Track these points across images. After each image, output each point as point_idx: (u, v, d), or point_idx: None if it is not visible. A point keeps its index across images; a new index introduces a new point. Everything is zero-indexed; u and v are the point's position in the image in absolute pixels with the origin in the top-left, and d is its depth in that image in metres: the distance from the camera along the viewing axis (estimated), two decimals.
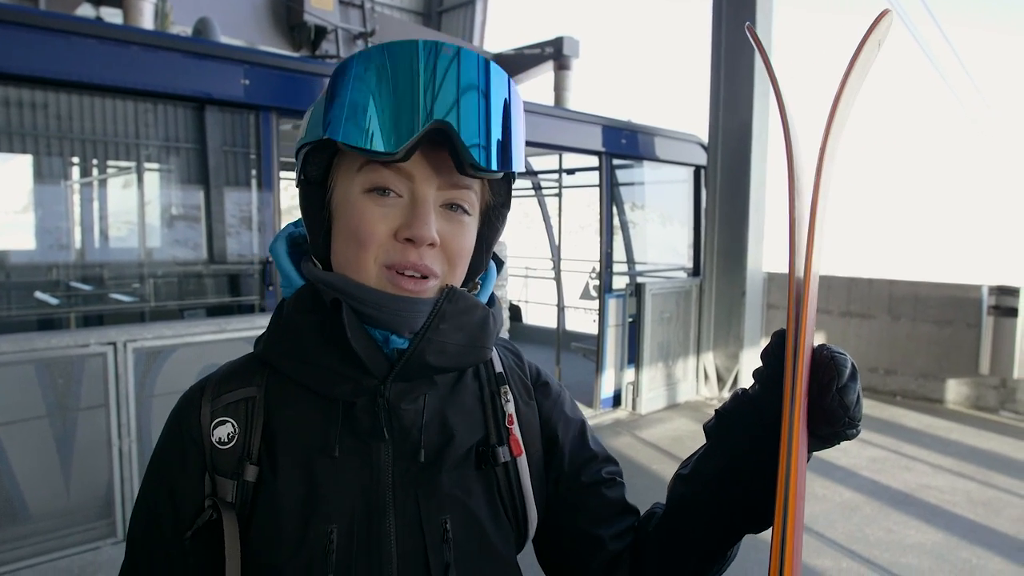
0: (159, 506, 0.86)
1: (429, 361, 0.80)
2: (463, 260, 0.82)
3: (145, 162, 4.93)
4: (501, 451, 0.87)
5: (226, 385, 0.87)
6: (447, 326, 0.80)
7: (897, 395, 7.38)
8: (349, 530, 0.80)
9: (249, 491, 0.82)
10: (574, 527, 0.93)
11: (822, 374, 0.72)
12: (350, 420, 0.82)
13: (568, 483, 0.94)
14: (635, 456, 5.43)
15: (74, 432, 3.36)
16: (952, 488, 4.84)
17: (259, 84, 4.22)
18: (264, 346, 0.87)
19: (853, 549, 3.93)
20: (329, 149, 0.80)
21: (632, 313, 6.60)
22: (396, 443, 0.83)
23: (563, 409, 0.98)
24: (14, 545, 3.22)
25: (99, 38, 3.67)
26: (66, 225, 5.48)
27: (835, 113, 0.75)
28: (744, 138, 6.81)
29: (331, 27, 7.31)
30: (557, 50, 8.51)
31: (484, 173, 0.77)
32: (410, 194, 0.78)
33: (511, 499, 0.89)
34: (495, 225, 0.88)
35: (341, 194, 0.80)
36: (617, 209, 7.01)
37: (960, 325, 7.01)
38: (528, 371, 0.98)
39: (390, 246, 0.77)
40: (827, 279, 7.88)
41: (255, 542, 0.81)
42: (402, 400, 0.82)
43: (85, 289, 5.00)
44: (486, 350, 0.86)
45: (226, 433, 0.84)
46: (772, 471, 0.72)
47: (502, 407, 0.91)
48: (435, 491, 0.83)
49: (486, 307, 0.85)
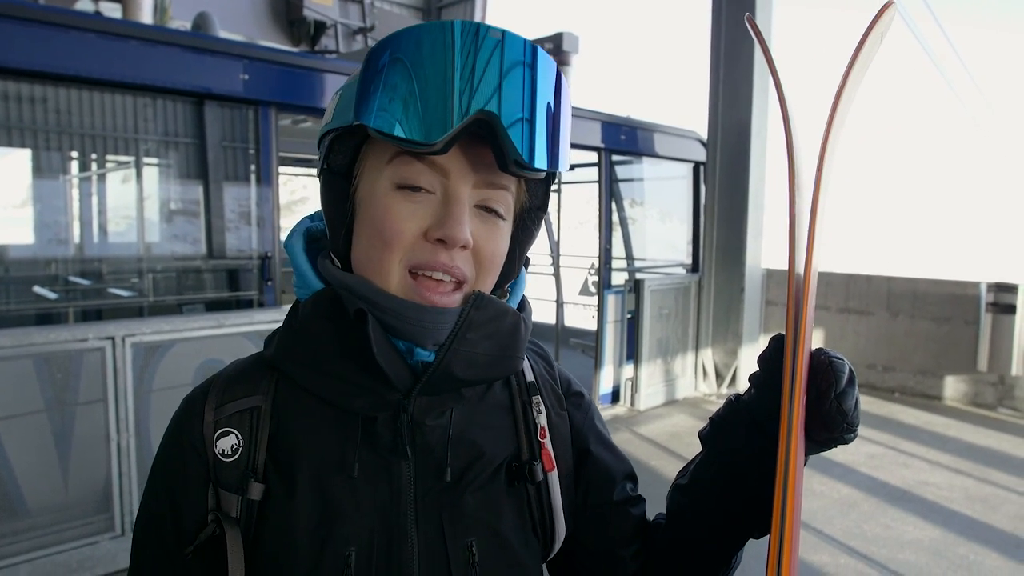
0: (162, 515, 0.81)
1: (457, 374, 0.74)
2: (495, 266, 0.76)
3: (144, 157, 4.93)
4: (538, 469, 0.82)
5: (231, 392, 0.81)
6: (475, 335, 0.73)
7: (895, 392, 7.39)
8: (368, 553, 0.75)
9: (255, 508, 0.77)
10: (595, 545, 0.89)
11: (820, 379, 0.71)
12: (369, 436, 0.77)
13: (596, 500, 0.89)
14: (634, 452, 5.44)
15: (72, 427, 3.35)
16: (950, 484, 4.85)
17: (258, 79, 4.21)
18: (275, 350, 0.80)
19: (851, 545, 3.94)
20: (357, 137, 0.73)
21: (631, 309, 6.61)
22: (418, 461, 0.77)
23: (594, 422, 0.94)
24: (12, 540, 3.21)
25: (98, 32, 3.66)
26: (65, 220, 5.48)
27: (837, 107, 0.74)
28: (743, 134, 6.81)
29: (330, 22, 7.30)
30: (556, 46, 8.49)
31: (528, 172, 0.71)
32: (443, 191, 0.71)
33: (540, 515, 0.84)
34: (530, 229, 0.81)
35: (367, 187, 0.73)
36: (616, 205, 7.00)
37: (958, 322, 7.02)
38: (560, 379, 0.92)
39: (418, 247, 0.71)
40: (825, 275, 7.88)
41: (264, 563, 0.76)
42: (427, 415, 0.77)
43: (83, 284, 5.00)
44: (518, 360, 0.79)
45: (230, 445, 0.78)
46: (770, 476, 0.71)
47: (534, 419, 0.85)
48: (461, 512, 0.78)
49: (516, 312, 0.78)
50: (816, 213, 0.72)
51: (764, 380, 0.79)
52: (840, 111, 0.74)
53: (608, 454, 0.93)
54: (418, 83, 0.67)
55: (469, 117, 0.66)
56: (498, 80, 0.67)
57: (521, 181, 0.77)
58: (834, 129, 0.74)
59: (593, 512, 0.89)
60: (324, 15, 7.26)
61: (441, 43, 0.67)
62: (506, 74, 0.68)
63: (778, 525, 0.67)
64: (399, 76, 0.68)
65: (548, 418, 0.86)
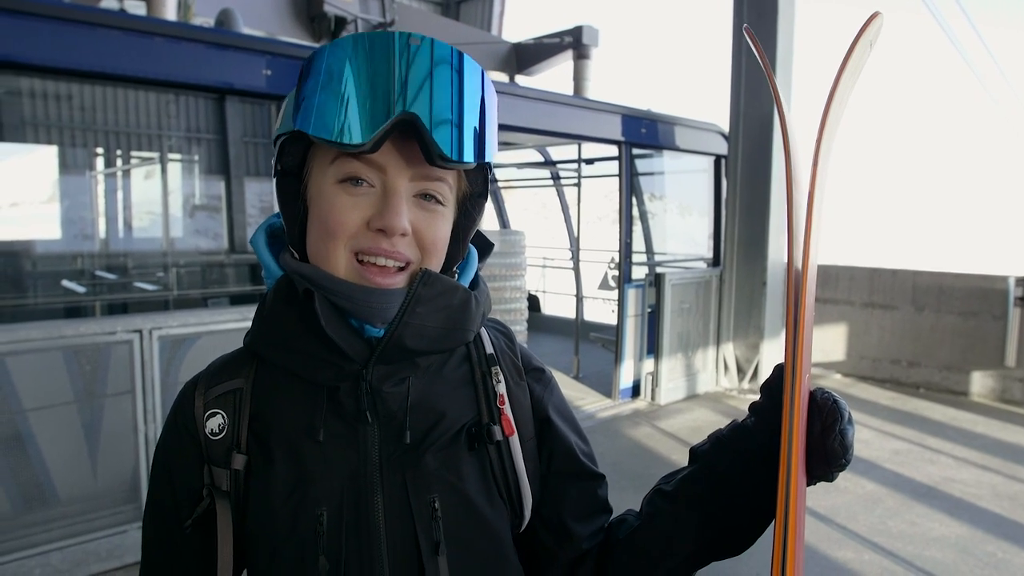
0: (163, 496, 0.90)
1: (408, 345, 0.80)
2: (437, 249, 0.82)
3: (168, 153, 4.98)
4: (496, 430, 0.87)
5: (217, 378, 0.89)
6: (424, 309, 0.80)
7: (920, 387, 7.30)
8: (338, 512, 0.81)
9: (241, 480, 0.85)
10: (552, 517, 0.93)
11: (825, 415, 0.76)
12: (335, 404, 0.83)
13: (557, 471, 0.94)
14: (654, 446, 5.43)
15: (101, 418, 3.41)
16: (977, 481, 4.79)
17: (281, 75, 4.24)
18: (251, 337, 0.88)
19: (876, 541, 3.90)
20: (304, 140, 0.80)
21: (651, 303, 6.58)
22: (382, 426, 0.83)
23: (556, 395, 0.98)
24: (44, 528, 3.28)
25: (123, 29, 3.70)
26: (91, 215, 5.56)
27: (828, 112, 0.77)
28: (766, 127, 6.75)
29: (351, 17, 7.32)
30: (576, 39, 8.47)
31: (454, 164, 0.77)
32: (382, 185, 0.78)
33: (504, 479, 0.89)
34: (472, 215, 0.88)
35: (315, 185, 0.80)
36: (636, 199, 6.98)
37: (986, 317, 6.92)
38: (520, 354, 0.98)
39: (362, 235, 0.78)
40: (849, 269, 7.81)
41: (252, 527, 0.84)
42: (384, 383, 0.83)
43: (110, 278, 5.07)
44: (468, 332, 0.86)
45: (217, 424, 0.86)
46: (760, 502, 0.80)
47: (493, 388, 0.90)
48: (422, 471, 0.83)
49: (467, 289, 0.85)
50: (812, 214, 0.75)
51: (765, 407, 0.84)
52: (831, 116, 0.77)
53: (568, 428, 0.97)
54: (348, 89, 0.74)
55: (392, 119, 0.73)
56: (424, 83, 0.75)
57: (459, 171, 0.83)
58: (827, 133, 0.77)
59: (554, 482, 0.94)
60: (345, 10, 7.28)
61: (369, 52, 0.75)
62: (431, 77, 0.75)
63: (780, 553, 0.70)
64: (330, 83, 0.75)
65: (508, 388, 0.92)
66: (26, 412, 3.21)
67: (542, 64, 8.67)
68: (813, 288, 0.78)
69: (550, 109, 6.01)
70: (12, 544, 3.20)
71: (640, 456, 5.24)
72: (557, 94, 6.35)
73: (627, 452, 5.31)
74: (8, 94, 4.02)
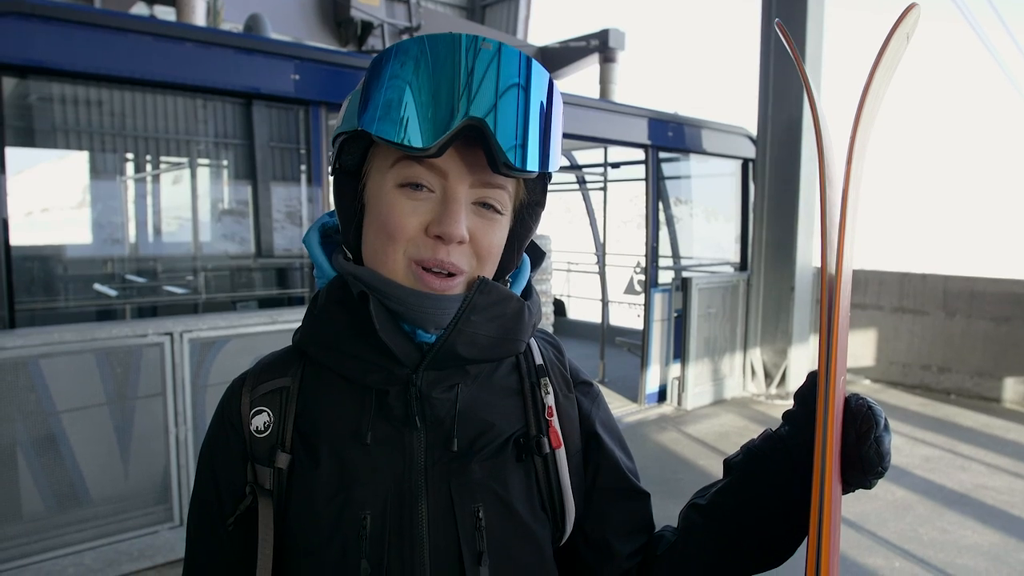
0: (207, 492, 0.89)
1: (460, 352, 0.80)
2: (492, 257, 0.82)
3: (196, 158, 5.05)
4: (544, 442, 0.87)
5: (265, 375, 0.89)
6: (479, 318, 0.79)
7: (951, 393, 7.18)
8: (382, 516, 0.81)
9: (284, 479, 0.84)
10: (595, 534, 0.92)
11: (860, 423, 0.74)
12: (384, 408, 0.83)
13: (602, 487, 0.93)
14: (681, 451, 5.39)
15: (132, 419, 3.46)
16: (1010, 489, 4.70)
17: (308, 79, 4.28)
18: (300, 336, 0.88)
19: (906, 548, 3.84)
20: (364, 139, 0.79)
21: (678, 308, 6.54)
22: (429, 432, 0.83)
23: (603, 410, 0.97)
24: (78, 528, 3.33)
25: (153, 35, 3.76)
26: (121, 220, 5.65)
27: (863, 108, 0.74)
28: (794, 130, 6.69)
29: (377, 22, 7.37)
30: (603, 43, 8.45)
31: (518, 173, 0.76)
32: (442, 190, 0.77)
33: (549, 491, 0.88)
34: (528, 223, 0.87)
35: (374, 186, 0.80)
36: (663, 203, 6.94)
37: (1018, 322, 6.79)
38: (569, 367, 0.97)
39: (420, 241, 0.77)
40: (879, 274, 7.70)
41: (293, 527, 0.84)
42: (434, 389, 0.82)
43: (140, 282, 5.15)
44: (520, 342, 0.85)
45: (263, 422, 0.86)
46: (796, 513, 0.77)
47: (542, 399, 0.90)
48: (468, 480, 0.82)
49: (520, 299, 0.84)
50: (846, 216, 0.73)
51: (799, 415, 0.83)
52: (866, 112, 0.75)
53: (615, 444, 0.96)
54: (415, 92, 0.73)
55: (460, 124, 0.72)
56: (490, 87, 0.73)
57: (518, 179, 0.82)
58: (861, 130, 0.75)
59: (598, 498, 0.92)
60: (371, 15, 7.34)
61: (438, 54, 0.74)
62: (499, 83, 0.74)
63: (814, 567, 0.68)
64: (397, 85, 0.74)
65: (556, 399, 0.91)
66: (59, 414, 3.26)
67: (568, 68, 8.66)
68: (848, 292, 0.77)
69: (576, 113, 6.00)
70: (47, 543, 3.25)
71: (667, 461, 5.20)
72: (583, 97, 6.34)
73: (653, 457, 5.27)
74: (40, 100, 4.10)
